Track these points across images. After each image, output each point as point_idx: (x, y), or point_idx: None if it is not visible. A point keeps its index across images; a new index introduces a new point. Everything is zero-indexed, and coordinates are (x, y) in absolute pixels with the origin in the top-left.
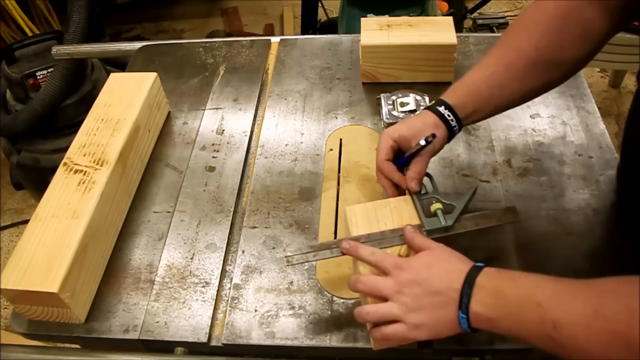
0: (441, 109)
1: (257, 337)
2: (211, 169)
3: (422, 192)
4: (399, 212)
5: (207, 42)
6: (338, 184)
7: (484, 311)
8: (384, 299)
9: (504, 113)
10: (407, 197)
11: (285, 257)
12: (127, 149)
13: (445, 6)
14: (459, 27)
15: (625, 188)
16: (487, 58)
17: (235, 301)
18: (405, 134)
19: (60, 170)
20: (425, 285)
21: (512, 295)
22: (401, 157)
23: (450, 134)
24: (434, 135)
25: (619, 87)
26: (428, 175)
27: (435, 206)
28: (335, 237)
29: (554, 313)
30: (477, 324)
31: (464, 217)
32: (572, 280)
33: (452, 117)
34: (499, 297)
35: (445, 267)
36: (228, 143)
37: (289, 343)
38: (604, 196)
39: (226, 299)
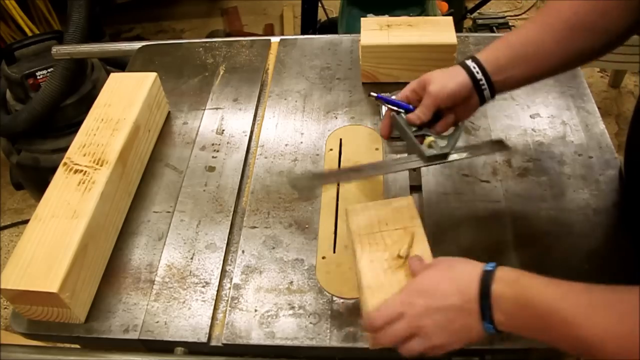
0: (468, 61)
1: (257, 337)
2: (211, 169)
3: (414, 129)
4: (400, 212)
5: (207, 42)
6: (338, 184)
7: (508, 321)
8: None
9: (504, 113)
10: (409, 197)
11: (289, 181)
12: (127, 149)
13: (445, 6)
14: (459, 27)
15: (628, 188)
16: (526, 22)
17: (235, 301)
18: (424, 78)
19: (60, 170)
20: (441, 309)
21: (537, 309)
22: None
23: (477, 88)
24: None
25: (619, 87)
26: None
27: (430, 139)
28: (335, 237)
29: (585, 330)
30: (504, 329)
31: (458, 149)
32: (600, 289)
33: (477, 70)
34: (522, 308)
35: (453, 277)
36: (228, 143)
37: (289, 343)
38: (604, 196)
39: (226, 299)
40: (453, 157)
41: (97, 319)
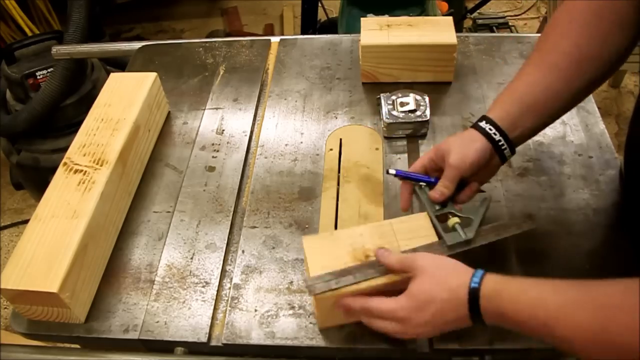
0: (482, 123)
1: (257, 337)
2: (211, 168)
3: (437, 207)
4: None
5: (207, 42)
6: (338, 184)
7: (498, 323)
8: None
9: None
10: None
11: (307, 286)
12: (127, 148)
13: (445, 6)
14: (459, 27)
15: (628, 188)
16: (526, 66)
17: (235, 301)
18: (441, 147)
19: (60, 170)
20: (435, 323)
21: (518, 318)
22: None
23: (497, 149)
24: (432, 179)
25: (619, 87)
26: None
27: (453, 220)
28: None
29: (562, 330)
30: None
31: (483, 228)
32: (573, 288)
33: (494, 131)
34: (506, 318)
35: (444, 297)
36: (228, 143)
37: (289, 343)
38: (604, 196)
39: (226, 298)
40: (479, 242)
41: (97, 319)
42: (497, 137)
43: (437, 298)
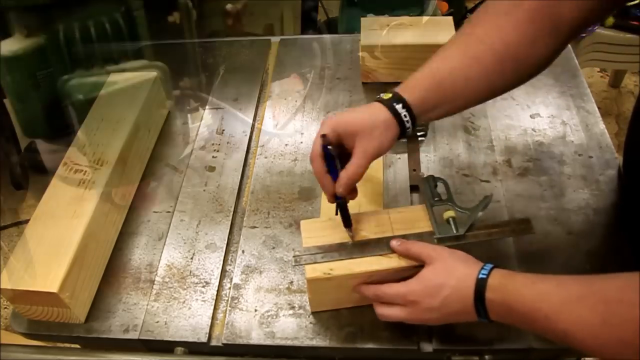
0: (398, 107)
1: (257, 337)
2: (211, 168)
3: (436, 198)
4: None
5: (207, 42)
6: None
7: (500, 319)
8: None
9: (504, 113)
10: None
11: (294, 256)
12: (127, 148)
13: (445, 6)
14: (459, 27)
15: (627, 188)
16: (450, 49)
17: (235, 301)
18: (350, 129)
19: (60, 170)
20: (442, 310)
21: (521, 310)
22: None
23: (402, 134)
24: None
25: (619, 87)
26: (443, 181)
27: (448, 214)
28: None
29: (563, 324)
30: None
31: (477, 226)
32: (576, 283)
33: (407, 118)
34: (510, 310)
35: (453, 284)
36: (228, 143)
37: (289, 343)
38: (604, 196)
39: (226, 298)
40: (469, 239)
41: (97, 319)
42: (408, 124)
43: (447, 284)
